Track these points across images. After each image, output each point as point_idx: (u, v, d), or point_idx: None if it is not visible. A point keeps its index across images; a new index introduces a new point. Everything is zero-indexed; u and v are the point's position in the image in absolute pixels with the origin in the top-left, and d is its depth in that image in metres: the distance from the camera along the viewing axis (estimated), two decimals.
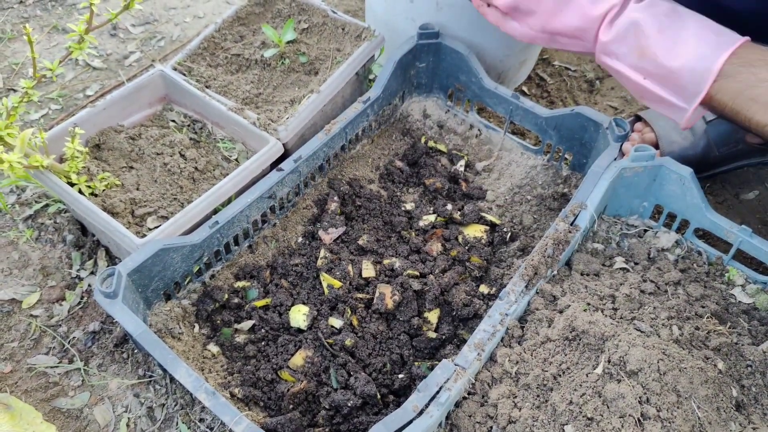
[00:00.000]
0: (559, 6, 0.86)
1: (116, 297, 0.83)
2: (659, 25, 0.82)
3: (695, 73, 0.79)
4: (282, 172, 1.03)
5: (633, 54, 0.84)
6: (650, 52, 0.82)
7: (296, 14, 1.30)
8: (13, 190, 1.22)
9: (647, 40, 0.82)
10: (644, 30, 0.82)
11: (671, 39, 0.81)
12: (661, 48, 0.81)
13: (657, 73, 0.82)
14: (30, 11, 1.63)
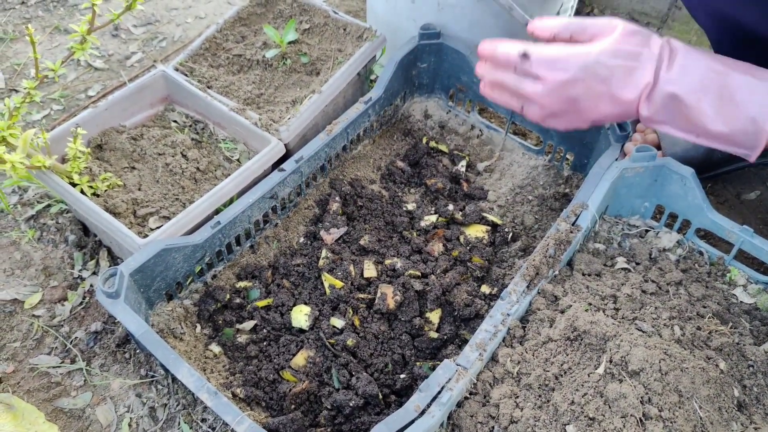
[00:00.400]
0: (592, 102, 0.81)
1: (118, 297, 0.83)
2: (698, 92, 0.77)
3: (747, 134, 0.76)
4: (284, 173, 1.03)
5: (679, 120, 0.79)
6: (696, 120, 0.77)
7: (298, 15, 1.30)
8: (15, 191, 1.22)
9: (690, 109, 0.77)
10: (684, 101, 0.77)
11: (714, 106, 0.76)
12: (707, 116, 0.77)
13: (707, 136, 0.78)
14: (32, 12, 1.63)
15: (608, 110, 0.81)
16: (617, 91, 0.78)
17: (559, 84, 0.79)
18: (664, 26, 1.54)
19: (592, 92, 0.79)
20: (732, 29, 0.96)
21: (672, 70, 0.77)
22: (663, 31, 1.54)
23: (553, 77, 0.79)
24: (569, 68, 0.78)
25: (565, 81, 0.79)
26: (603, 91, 0.79)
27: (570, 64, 0.78)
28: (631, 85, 0.78)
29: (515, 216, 1.13)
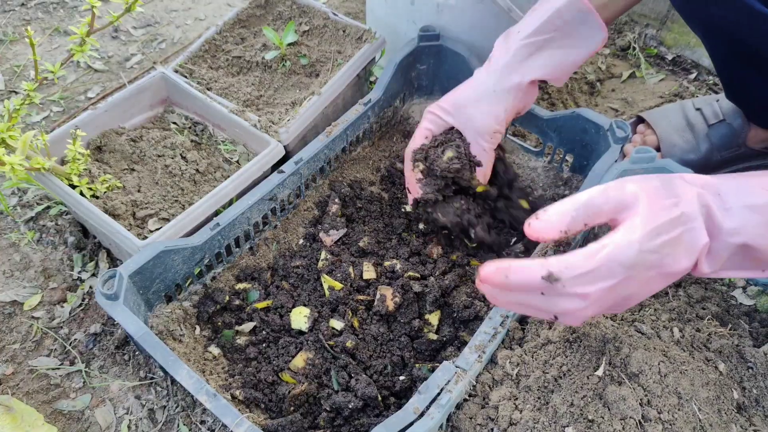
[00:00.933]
0: (645, 290, 0.66)
1: (117, 299, 0.83)
2: (763, 233, 0.65)
3: None
4: (283, 174, 1.03)
5: (749, 263, 0.67)
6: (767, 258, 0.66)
7: (297, 16, 1.30)
8: (15, 192, 1.22)
9: (762, 252, 0.66)
10: (755, 247, 0.65)
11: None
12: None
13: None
14: (32, 13, 1.63)
15: (662, 286, 0.67)
16: (672, 269, 0.64)
17: (605, 292, 0.63)
18: (663, 28, 1.54)
19: (644, 281, 0.64)
20: (727, 41, 0.96)
21: (730, 217, 0.65)
22: (662, 32, 1.54)
23: (596, 289, 0.62)
24: (613, 274, 0.62)
25: (611, 287, 0.62)
26: (655, 275, 0.64)
27: (613, 270, 0.62)
28: (687, 255, 0.64)
29: None
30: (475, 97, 0.98)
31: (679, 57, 1.52)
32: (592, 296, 0.62)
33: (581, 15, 0.93)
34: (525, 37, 0.95)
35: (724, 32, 0.93)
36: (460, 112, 0.99)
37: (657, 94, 1.45)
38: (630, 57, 1.54)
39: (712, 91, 1.44)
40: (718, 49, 1.00)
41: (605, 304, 0.65)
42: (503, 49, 0.97)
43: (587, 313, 0.64)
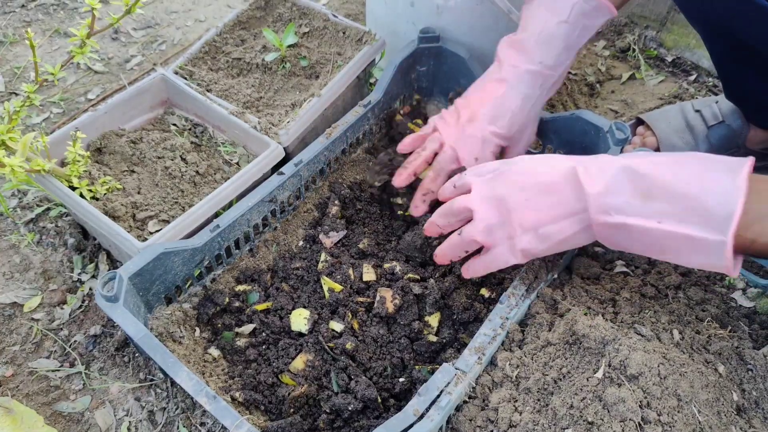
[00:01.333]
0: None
1: (117, 301, 0.83)
2: (652, 163, 0.72)
3: (719, 193, 0.66)
4: (283, 176, 1.03)
5: (636, 199, 0.72)
6: (657, 188, 0.70)
7: (297, 18, 1.30)
8: (15, 194, 1.22)
9: (646, 179, 0.71)
10: (639, 170, 0.71)
11: (673, 170, 0.70)
12: (668, 179, 0.70)
13: (673, 209, 0.69)
14: (32, 15, 1.63)
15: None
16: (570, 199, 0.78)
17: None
18: (663, 29, 1.54)
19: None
20: (727, 39, 0.96)
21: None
22: (662, 34, 1.54)
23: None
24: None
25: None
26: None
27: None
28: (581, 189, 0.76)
29: None
30: (527, 117, 1.03)
31: (678, 59, 1.52)
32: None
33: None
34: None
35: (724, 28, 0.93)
36: (515, 138, 1.06)
37: (657, 96, 1.45)
38: (630, 58, 1.54)
39: (711, 93, 1.45)
40: (718, 46, 1.00)
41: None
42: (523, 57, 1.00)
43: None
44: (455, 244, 0.88)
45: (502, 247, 0.83)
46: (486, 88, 1.03)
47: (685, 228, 0.68)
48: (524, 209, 0.79)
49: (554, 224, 0.78)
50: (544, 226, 0.79)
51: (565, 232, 0.78)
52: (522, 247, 0.81)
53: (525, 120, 1.03)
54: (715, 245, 0.67)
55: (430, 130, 1.08)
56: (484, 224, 0.83)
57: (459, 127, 1.04)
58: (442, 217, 0.90)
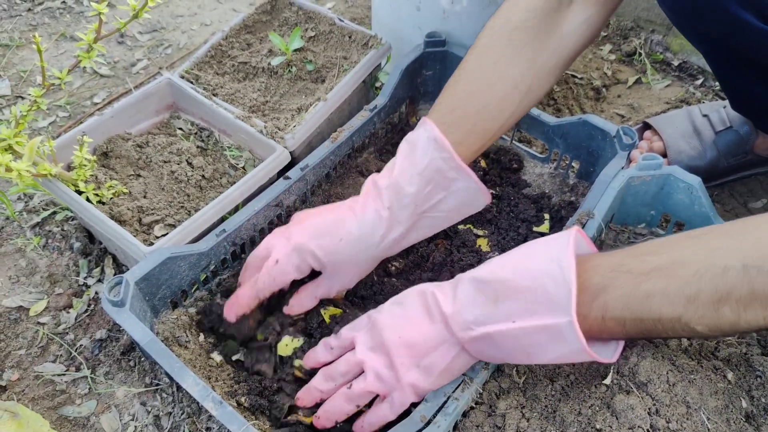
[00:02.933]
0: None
1: (124, 305, 0.83)
2: (494, 267, 0.74)
3: (553, 276, 0.67)
4: (289, 180, 1.03)
5: (488, 306, 0.72)
6: (502, 290, 0.71)
7: (303, 22, 1.30)
8: (21, 198, 1.22)
9: (492, 284, 0.72)
10: (484, 278, 0.73)
11: (511, 267, 0.72)
12: (509, 277, 0.71)
13: (521, 305, 0.69)
14: (38, 19, 1.64)
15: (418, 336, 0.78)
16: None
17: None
18: (669, 33, 1.53)
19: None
20: (726, 54, 0.95)
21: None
22: (668, 38, 1.54)
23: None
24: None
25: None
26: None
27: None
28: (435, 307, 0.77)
29: None
30: (354, 255, 0.91)
31: (685, 63, 1.52)
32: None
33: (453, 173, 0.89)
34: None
35: (721, 46, 0.93)
36: (333, 267, 0.92)
37: (663, 100, 1.45)
38: (636, 63, 1.54)
39: (718, 97, 1.44)
40: (718, 62, 0.99)
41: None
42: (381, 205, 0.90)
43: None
44: (342, 401, 0.81)
45: (395, 393, 0.79)
46: (333, 207, 0.95)
47: (537, 319, 0.68)
48: (400, 347, 0.77)
49: (432, 353, 0.76)
50: (423, 358, 0.77)
51: (444, 359, 0.76)
52: (410, 382, 0.77)
53: (348, 259, 0.90)
54: (566, 328, 0.66)
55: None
56: (374, 373, 0.79)
57: (285, 227, 0.95)
58: (328, 380, 0.83)
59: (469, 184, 0.90)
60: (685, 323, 0.63)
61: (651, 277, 0.64)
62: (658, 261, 0.65)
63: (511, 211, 1.11)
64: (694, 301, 0.62)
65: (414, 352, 0.77)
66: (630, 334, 0.68)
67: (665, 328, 0.65)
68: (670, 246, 0.66)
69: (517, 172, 1.19)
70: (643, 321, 0.65)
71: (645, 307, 0.64)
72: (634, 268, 0.66)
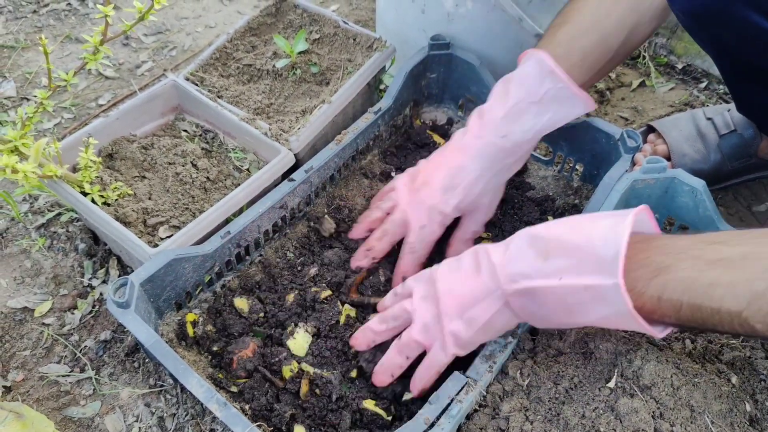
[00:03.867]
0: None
1: (129, 307, 0.83)
2: (550, 225, 0.75)
3: (605, 238, 0.67)
4: (293, 183, 1.03)
5: (537, 261, 0.72)
6: (553, 246, 0.71)
7: (308, 25, 1.31)
8: (26, 199, 1.23)
9: (544, 239, 0.73)
10: (538, 234, 0.74)
11: (567, 227, 0.73)
12: (562, 235, 0.72)
13: (570, 263, 0.69)
14: (44, 21, 1.64)
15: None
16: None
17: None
18: (674, 37, 1.53)
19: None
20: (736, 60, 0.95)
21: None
22: (673, 41, 1.54)
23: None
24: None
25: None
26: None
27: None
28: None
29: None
30: (480, 193, 1.00)
31: (689, 66, 1.52)
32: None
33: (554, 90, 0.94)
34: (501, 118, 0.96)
35: (733, 52, 0.93)
36: (472, 209, 1.02)
37: (667, 103, 1.45)
38: (640, 66, 1.54)
39: (722, 101, 1.44)
40: (728, 67, 0.99)
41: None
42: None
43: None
44: (394, 352, 0.85)
45: (437, 343, 0.81)
46: (446, 154, 1.00)
47: (583, 279, 0.68)
48: (448, 298, 0.80)
49: (476, 306, 0.78)
50: (467, 310, 0.78)
51: (488, 312, 0.77)
52: (452, 330, 0.79)
53: (480, 193, 0.99)
54: (611, 290, 0.65)
55: (389, 189, 1.06)
56: (421, 322, 0.82)
57: (413, 190, 1.00)
58: (381, 322, 0.87)
59: (587, 105, 0.96)
60: (745, 319, 0.61)
61: (718, 266, 0.62)
62: (729, 252, 0.63)
63: (515, 213, 1.11)
64: (761, 298, 0.60)
65: (459, 303, 0.79)
66: (682, 321, 0.65)
67: (722, 321, 0.63)
68: (744, 239, 0.64)
69: (520, 174, 1.19)
70: (701, 309, 0.63)
71: (707, 295, 0.62)
72: (702, 255, 0.64)
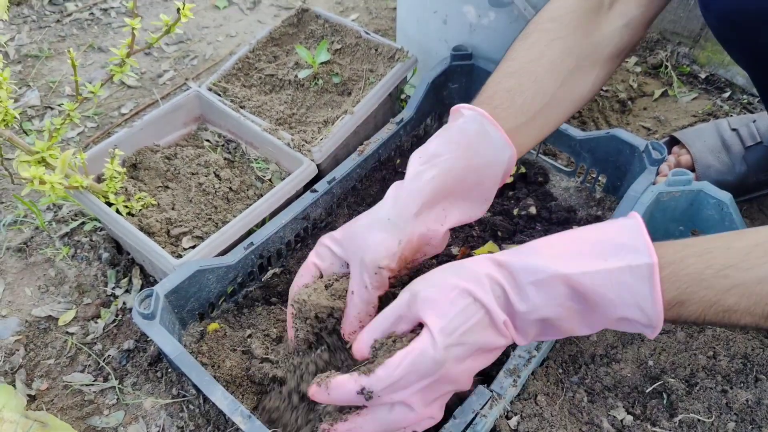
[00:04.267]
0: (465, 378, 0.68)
1: (154, 318, 0.84)
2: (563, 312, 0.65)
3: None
4: (316, 194, 1.03)
5: (557, 331, 0.67)
6: (571, 330, 0.67)
7: (329, 35, 1.31)
8: (50, 208, 1.24)
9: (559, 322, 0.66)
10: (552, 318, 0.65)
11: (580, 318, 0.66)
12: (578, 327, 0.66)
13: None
14: (66, 30, 1.66)
15: (490, 360, 0.70)
16: (486, 348, 0.67)
17: (425, 392, 0.66)
18: (696, 46, 1.52)
19: (463, 369, 0.67)
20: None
21: (522, 298, 0.65)
22: (695, 51, 1.53)
23: (411, 393, 0.65)
24: (425, 375, 0.64)
25: (429, 386, 0.65)
26: (471, 360, 0.67)
27: (422, 372, 0.64)
28: (493, 335, 0.66)
29: None
30: (368, 224, 0.78)
31: (712, 75, 1.50)
32: (412, 400, 0.66)
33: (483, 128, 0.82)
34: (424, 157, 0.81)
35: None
36: (350, 242, 0.79)
37: (690, 113, 1.43)
38: (662, 75, 1.53)
39: (746, 110, 1.43)
40: (761, 75, 0.97)
41: (435, 399, 0.68)
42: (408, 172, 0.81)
43: (424, 413, 0.68)
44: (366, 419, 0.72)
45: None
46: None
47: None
48: None
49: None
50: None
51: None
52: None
53: (361, 227, 0.79)
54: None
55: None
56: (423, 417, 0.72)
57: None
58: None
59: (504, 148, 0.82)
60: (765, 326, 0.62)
61: (733, 294, 0.61)
62: (741, 277, 0.61)
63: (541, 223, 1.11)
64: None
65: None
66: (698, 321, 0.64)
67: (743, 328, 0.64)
68: (752, 259, 0.61)
69: (543, 185, 1.19)
70: (721, 324, 0.63)
71: (724, 318, 0.62)
72: (715, 284, 0.62)
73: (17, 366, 1.02)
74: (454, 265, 0.69)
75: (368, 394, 0.65)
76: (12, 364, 1.02)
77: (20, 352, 1.04)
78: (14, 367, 1.02)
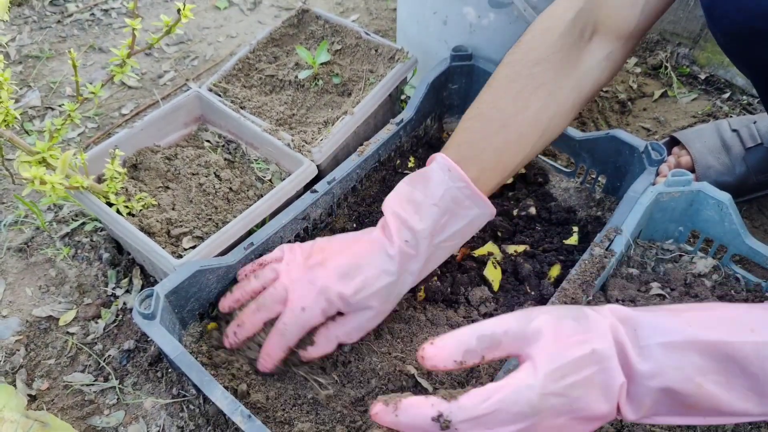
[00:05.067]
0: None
1: (154, 318, 0.84)
2: (694, 377, 0.57)
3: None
4: (316, 194, 1.03)
5: (677, 407, 0.58)
6: (706, 406, 0.57)
7: (329, 36, 1.31)
8: (51, 208, 1.24)
9: (685, 396, 0.57)
10: (677, 390, 0.57)
11: (725, 383, 0.57)
12: (720, 398, 0.56)
13: (731, 416, 0.57)
14: (67, 31, 1.66)
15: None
16: (588, 413, 0.57)
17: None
18: (696, 47, 1.53)
19: (555, 427, 0.57)
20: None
21: (645, 358, 0.57)
22: (695, 51, 1.53)
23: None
24: (513, 420, 0.56)
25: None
26: (567, 421, 0.57)
27: (512, 415, 0.56)
28: (603, 398, 0.57)
29: None
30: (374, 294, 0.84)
31: (712, 76, 1.50)
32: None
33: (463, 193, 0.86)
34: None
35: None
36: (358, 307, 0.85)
37: (690, 114, 1.44)
38: (662, 76, 1.53)
39: (746, 111, 1.43)
40: (765, 87, 0.97)
41: None
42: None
43: None
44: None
45: None
46: (358, 240, 0.89)
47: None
48: None
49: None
50: None
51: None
52: None
53: (374, 294, 0.84)
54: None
55: (273, 258, 0.94)
56: None
57: (305, 266, 0.88)
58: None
59: (485, 211, 0.89)
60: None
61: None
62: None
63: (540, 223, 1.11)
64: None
65: None
66: None
67: None
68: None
69: (542, 186, 1.19)
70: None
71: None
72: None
73: (18, 366, 1.02)
74: (572, 308, 0.62)
75: (445, 423, 0.56)
76: (12, 364, 1.02)
77: (21, 352, 1.04)
78: (15, 367, 1.02)
